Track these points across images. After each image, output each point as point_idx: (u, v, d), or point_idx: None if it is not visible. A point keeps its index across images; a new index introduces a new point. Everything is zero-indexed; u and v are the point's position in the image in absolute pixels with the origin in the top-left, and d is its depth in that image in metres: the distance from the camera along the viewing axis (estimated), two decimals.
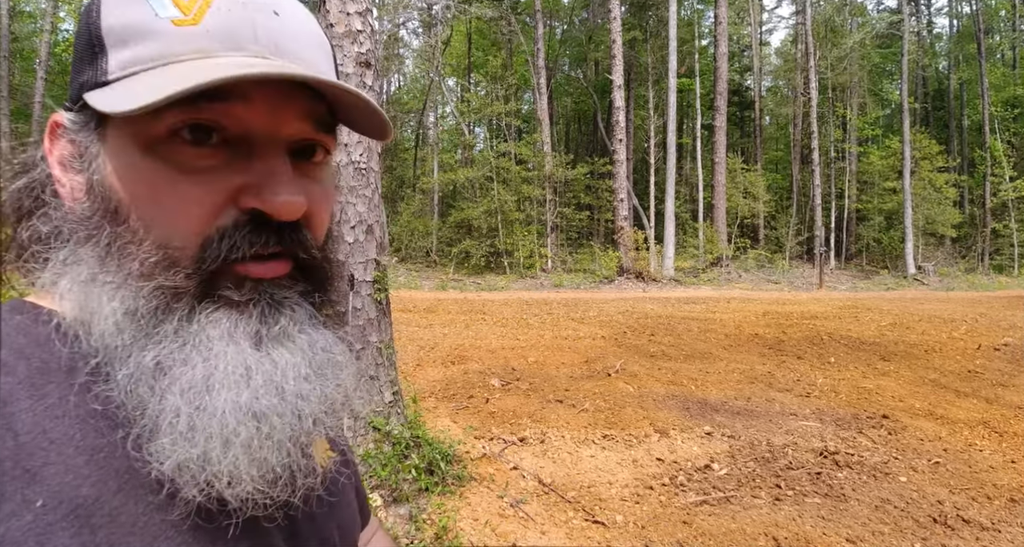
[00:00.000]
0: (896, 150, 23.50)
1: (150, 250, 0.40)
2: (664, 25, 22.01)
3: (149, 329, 0.40)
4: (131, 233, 0.41)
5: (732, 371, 6.25)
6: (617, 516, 3.05)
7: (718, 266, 20.68)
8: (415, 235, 22.72)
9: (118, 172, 0.41)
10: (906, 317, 10.17)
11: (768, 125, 34.83)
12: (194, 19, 0.41)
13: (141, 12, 0.41)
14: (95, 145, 0.43)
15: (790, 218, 25.00)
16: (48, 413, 0.37)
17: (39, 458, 0.35)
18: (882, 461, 3.75)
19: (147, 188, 0.41)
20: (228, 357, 0.40)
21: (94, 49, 0.42)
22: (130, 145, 0.41)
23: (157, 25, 0.41)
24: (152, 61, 0.41)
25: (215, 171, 0.41)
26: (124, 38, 0.41)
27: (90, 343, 0.41)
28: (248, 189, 0.42)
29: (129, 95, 0.39)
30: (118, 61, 0.41)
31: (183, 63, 0.41)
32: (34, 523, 0.33)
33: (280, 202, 0.42)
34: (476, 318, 9.88)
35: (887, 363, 6.70)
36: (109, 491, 0.37)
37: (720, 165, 21.36)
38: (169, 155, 0.41)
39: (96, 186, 0.42)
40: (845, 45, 25.01)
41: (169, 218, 0.41)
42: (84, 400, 0.39)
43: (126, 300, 0.40)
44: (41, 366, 0.39)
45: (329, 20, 3.44)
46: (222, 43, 0.42)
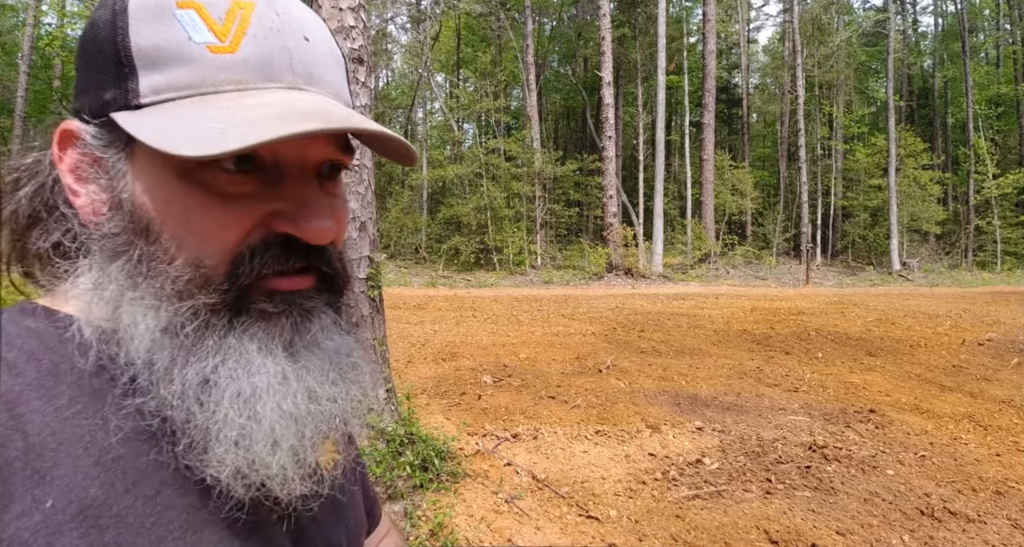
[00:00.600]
0: (881, 147, 23.75)
1: (182, 269, 0.41)
2: (653, 22, 22.08)
3: (189, 345, 0.41)
4: (163, 252, 0.41)
5: (721, 366, 6.30)
6: (611, 511, 3.08)
7: (706, 262, 20.80)
8: (404, 232, 22.64)
9: (151, 193, 0.42)
10: (891, 313, 10.30)
11: (756, 122, 35.06)
12: (231, 47, 0.41)
13: (175, 35, 0.41)
14: (122, 163, 0.43)
15: (777, 215, 25.19)
16: (57, 415, 0.38)
17: (49, 459, 0.36)
18: (870, 455, 3.80)
19: (182, 210, 0.41)
20: (268, 367, 0.42)
21: (122, 68, 0.41)
22: (164, 168, 0.42)
23: (192, 50, 0.41)
24: (188, 89, 0.41)
25: (249, 197, 0.43)
26: (156, 61, 0.41)
27: (126, 358, 0.42)
28: (281, 214, 0.43)
29: (175, 132, 0.39)
30: (150, 84, 0.41)
31: (220, 95, 0.41)
32: (43, 523, 0.34)
33: (313, 228, 0.43)
34: (466, 315, 9.89)
35: (873, 358, 6.79)
36: (117, 492, 0.37)
37: (708, 162, 21.46)
38: (205, 181, 0.41)
39: (125, 204, 0.43)
40: (832, 43, 25.23)
41: (201, 240, 0.41)
42: (114, 410, 0.40)
43: (163, 319, 0.41)
44: (52, 368, 0.40)
45: (321, 15, 3.40)
46: (258, 73, 0.42)
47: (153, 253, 0.42)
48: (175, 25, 0.41)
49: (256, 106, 0.40)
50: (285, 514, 0.47)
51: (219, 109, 0.40)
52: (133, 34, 0.41)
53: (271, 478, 0.42)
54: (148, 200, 0.42)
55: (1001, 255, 23.30)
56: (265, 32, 0.43)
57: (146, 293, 0.42)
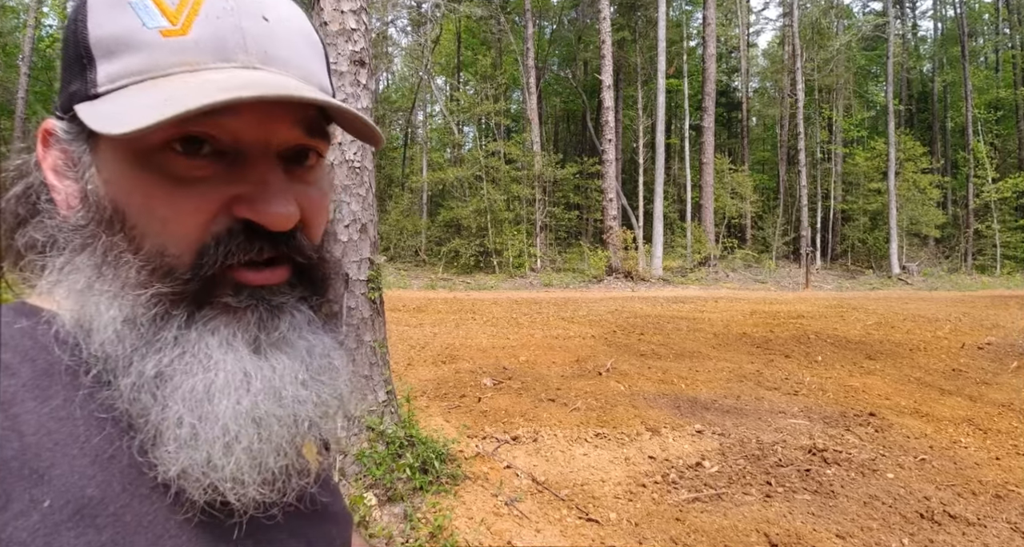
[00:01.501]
0: (881, 151, 23.78)
1: (146, 258, 0.41)
2: (653, 26, 22.13)
3: (149, 337, 0.40)
4: (126, 242, 0.41)
5: (721, 370, 6.30)
6: (611, 514, 3.08)
7: (706, 266, 20.81)
8: (404, 234, 22.65)
9: (111, 182, 0.42)
10: (891, 316, 10.31)
11: (755, 126, 35.10)
12: (182, 29, 0.41)
13: (128, 22, 0.41)
14: (87, 155, 0.43)
15: (777, 218, 25.21)
16: (53, 415, 0.37)
17: (46, 459, 0.35)
18: (869, 458, 3.80)
19: (141, 198, 0.41)
20: (228, 364, 0.41)
21: (82, 60, 0.42)
22: (122, 156, 0.41)
23: (145, 36, 0.41)
24: (139, 75, 0.41)
25: (208, 181, 0.42)
26: (111, 49, 0.41)
27: (91, 350, 0.41)
28: (241, 199, 0.42)
29: (118, 114, 0.39)
30: (106, 74, 0.41)
31: (170, 77, 0.40)
32: (41, 523, 0.34)
33: (272, 213, 0.42)
34: (466, 317, 9.89)
35: (873, 362, 6.79)
36: (114, 492, 0.37)
37: (708, 165, 21.48)
38: (162, 166, 0.41)
39: (90, 195, 0.43)
40: (831, 47, 25.29)
41: (164, 227, 0.41)
42: (87, 404, 0.40)
43: (124, 308, 0.41)
44: (46, 368, 0.40)
45: (323, 18, 3.43)
46: (211, 54, 0.42)
47: (117, 243, 0.41)
48: (129, 12, 0.41)
49: (199, 83, 0.40)
50: (278, 511, 0.46)
51: (163, 90, 0.39)
52: (91, 25, 0.41)
53: (222, 481, 0.40)
54: (110, 190, 0.42)
55: (1000, 259, 23.32)
56: (218, 12, 0.42)
57: (110, 284, 0.41)
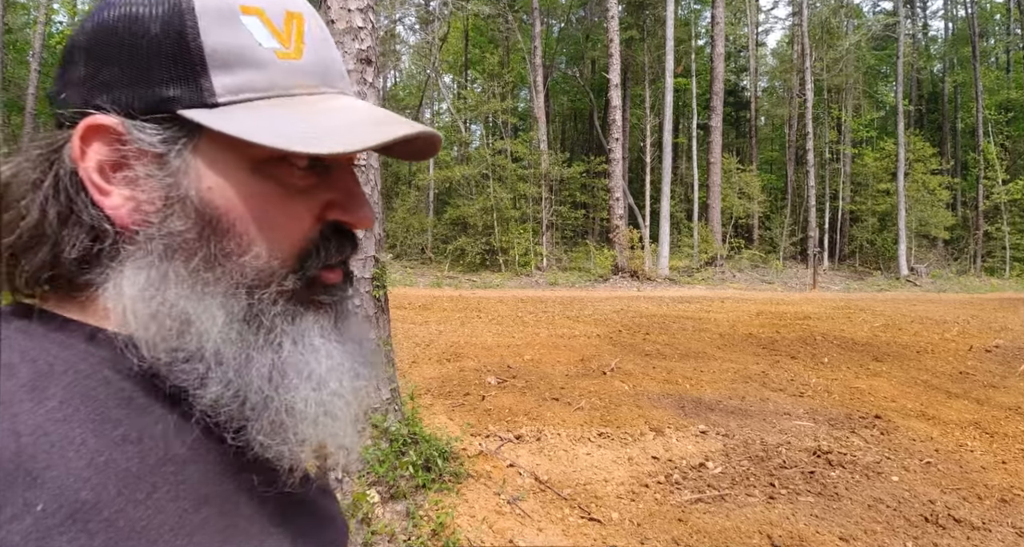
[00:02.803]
0: (890, 152, 23.63)
1: (254, 261, 0.43)
2: (661, 25, 22.05)
3: (264, 334, 0.44)
4: (235, 245, 0.43)
5: (726, 370, 6.28)
6: (613, 513, 3.08)
7: (712, 266, 20.74)
8: (410, 232, 22.69)
9: (223, 188, 0.43)
10: (898, 318, 10.25)
11: (763, 126, 34.94)
12: (295, 53, 0.44)
13: (244, 38, 0.43)
14: (185, 159, 0.43)
15: (784, 219, 25.08)
16: (49, 416, 0.37)
17: (41, 461, 0.35)
18: (874, 461, 3.79)
19: (258, 204, 0.43)
20: (330, 352, 0.46)
21: (192, 66, 0.42)
22: (235, 164, 0.43)
23: (262, 54, 0.43)
24: (263, 91, 0.43)
25: (310, 190, 0.46)
26: (228, 62, 0.42)
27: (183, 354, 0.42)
28: (333, 205, 0.47)
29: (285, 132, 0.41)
30: (224, 85, 0.42)
31: (295, 98, 0.44)
32: (34, 527, 0.33)
33: (363, 216, 0.48)
34: (471, 315, 9.89)
35: (879, 364, 6.75)
36: (108, 495, 0.36)
37: (716, 165, 21.40)
38: (276, 176, 0.44)
39: (189, 200, 0.42)
40: (841, 47, 25.09)
41: (275, 232, 0.44)
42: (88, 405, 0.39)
43: (234, 310, 0.43)
44: (45, 370, 0.39)
45: (330, 16, 3.44)
46: (319, 79, 0.46)
47: (224, 247, 0.43)
48: (243, 29, 0.43)
49: (337, 110, 0.45)
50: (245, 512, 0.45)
51: (305, 111, 0.43)
52: (205, 35, 0.42)
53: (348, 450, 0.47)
54: (218, 195, 0.43)
55: (1010, 261, 23.14)
56: (317, 42, 0.46)
57: (217, 287, 0.43)
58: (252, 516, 0.45)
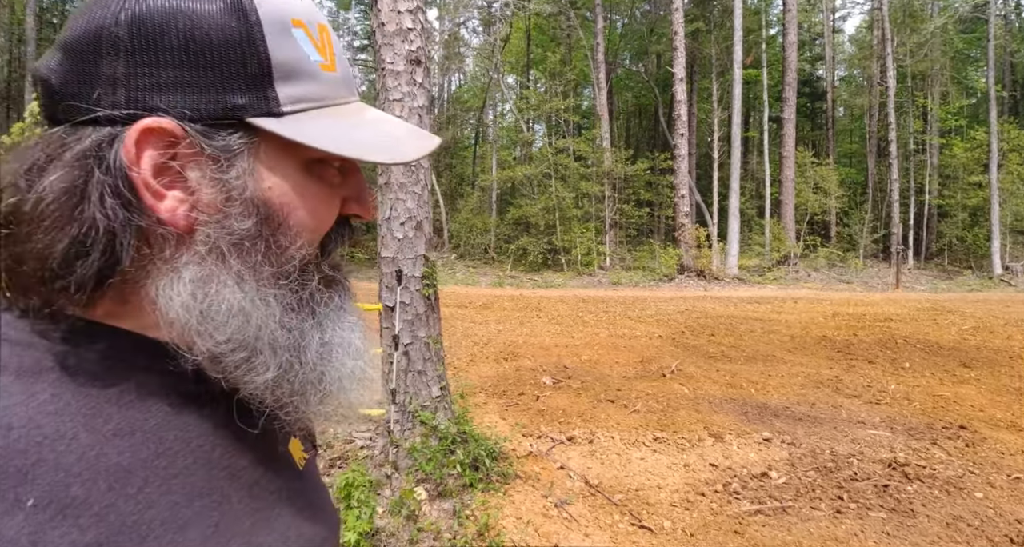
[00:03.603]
0: (982, 142, 21.92)
1: (298, 252, 0.47)
2: (729, 15, 21.29)
3: (310, 317, 0.48)
4: (286, 239, 0.47)
5: (796, 375, 5.98)
6: (665, 522, 2.96)
7: (785, 265, 19.88)
8: (473, 232, 22.92)
9: (281, 187, 0.46)
10: (990, 321, 9.47)
11: (841, 117, 33.23)
12: (331, 65, 0.49)
13: (301, 52, 0.46)
14: (245, 162, 0.45)
15: (865, 214, 23.74)
16: (41, 409, 0.37)
17: (32, 455, 0.35)
18: (956, 475, 3.48)
19: (311, 201, 0.48)
20: (354, 322, 0.52)
21: (261, 76, 0.44)
22: (291, 166, 0.47)
23: (312, 67, 0.47)
24: (316, 102, 0.47)
25: (338, 187, 0.51)
26: (289, 74, 0.45)
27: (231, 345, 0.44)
28: (350, 199, 0.53)
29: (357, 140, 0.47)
30: (287, 95, 0.45)
31: (339, 107, 0.49)
32: (25, 523, 0.33)
33: (372, 208, 0.54)
34: (531, 315, 9.86)
35: (967, 370, 6.24)
36: (99, 490, 0.37)
37: (788, 159, 20.51)
38: (320, 175, 0.49)
39: (249, 200, 0.45)
40: (925, 30, 23.50)
41: (320, 224, 0.50)
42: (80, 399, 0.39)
43: (288, 298, 0.47)
44: (34, 365, 0.39)
45: (380, 19, 3.47)
46: (347, 89, 0.51)
47: (279, 241, 0.46)
48: (295, 42, 0.46)
49: (376, 121, 0.51)
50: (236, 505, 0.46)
51: (353, 120, 0.49)
52: (272, 47, 0.44)
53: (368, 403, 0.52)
54: (277, 194, 0.46)
55: None
56: (340, 53, 0.51)
57: (273, 279, 0.46)
58: (244, 510, 0.45)
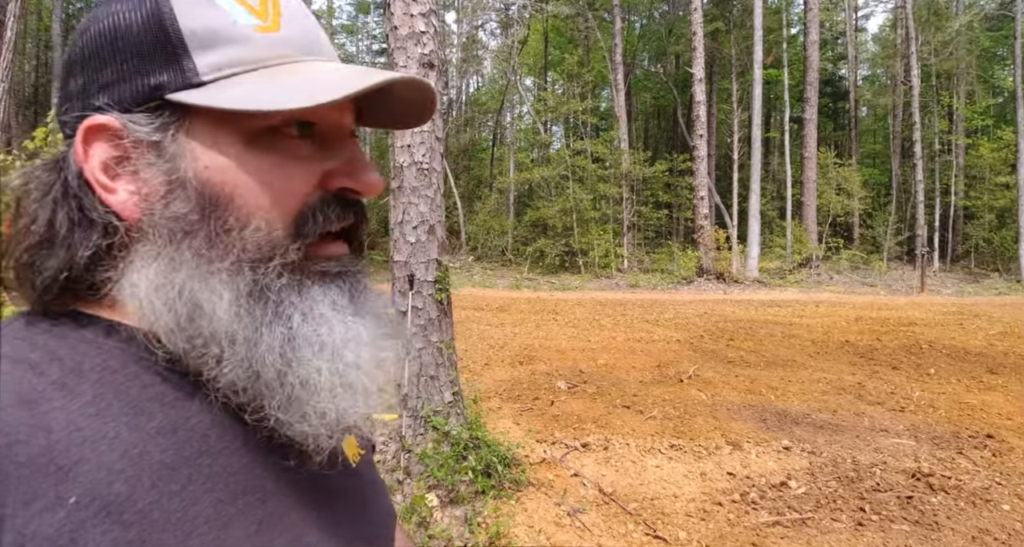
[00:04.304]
0: (1009, 142, 21.41)
1: (255, 234, 0.43)
2: (749, 14, 21.06)
3: (272, 308, 0.44)
4: (237, 220, 0.43)
5: (817, 380, 5.86)
6: (680, 532, 2.90)
7: (807, 267, 19.60)
8: (491, 234, 22.90)
9: (220, 165, 0.43)
10: (1018, 326, 9.23)
11: (864, 117, 32.71)
12: (273, 26, 0.45)
13: (221, 18, 0.44)
14: (179, 143, 0.43)
15: (888, 216, 23.31)
16: (81, 411, 0.37)
17: (73, 455, 0.35)
18: (983, 486, 3.38)
19: (258, 175, 0.44)
20: (343, 321, 0.46)
21: (174, 50, 0.43)
22: (231, 140, 0.44)
23: (241, 31, 0.44)
24: (247, 64, 0.44)
25: (309, 159, 0.46)
26: (208, 42, 0.43)
27: (200, 338, 0.43)
28: (337, 173, 0.47)
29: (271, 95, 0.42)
30: (208, 64, 0.43)
31: (280, 67, 0.45)
32: (67, 519, 0.33)
33: (369, 181, 0.48)
34: (547, 318, 9.82)
35: (995, 376, 6.08)
36: (142, 487, 0.37)
37: (810, 160, 20.24)
38: (273, 146, 0.44)
39: (189, 182, 0.43)
40: (950, 28, 23.00)
41: (276, 202, 0.44)
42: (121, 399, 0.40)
43: (241, 286, 0.43)
44: (74, 367, 0.40)
45: (393, 22, 3.47)
46: (301, 49, 0.47)
47: (225, 223, 0.43)
48: (217, 9, 0.44)
49: (320, 72, 0.45)
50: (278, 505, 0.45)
51: (289, 76, 0.44)
52: (181, 18, 0.43)
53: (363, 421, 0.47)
54: (216, 173, 0.43)
55: None
56: (293, 13, 0.47)
57: (221, 265, 0.43)
58: (290, 506, 0.45)
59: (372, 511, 0.56)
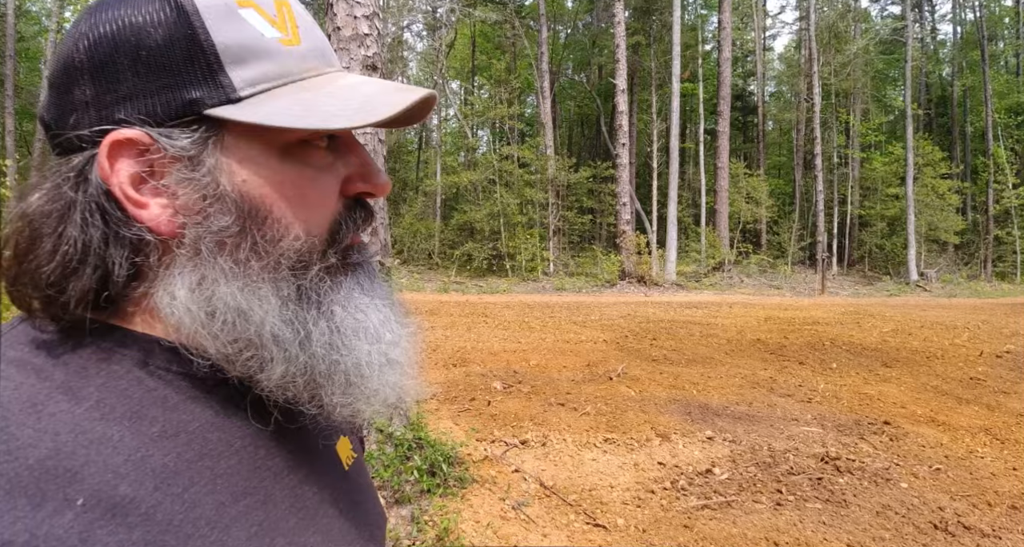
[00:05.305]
0: (899, 156, 23.49)
1: (295, 242, 0.45)
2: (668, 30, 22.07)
3: (316, 307, 0.46)
4: (275, 231, 0.45)
5: (734, 376, 6.25)
6: (618, 519, 3.06)
7: (720, 271, 20.67)
8: (417, 237, 22.72)
9: (257, 178, 0.44)
10: (908, 323, 10.17)
11: (771, 130, 34.78)
12: (295, 40, 0.46)
13: (249, 32, 0.44)
14: (212, 158, 0.43)
15: (792, 223, 24.95)
16: (87, 414, 0.38)
17: (79, 457, 0.36)
18: (883, 467, 3.75)
19: (295, 187, 0.45)
20: (375, 306, 0.49)
21: (209, 66, 0.42)
22: (264, 153, 0.44)
23: (269, 45, 0.44)
24: (279, 79, 0.44)
25: (332, 167, 0.48)
26: (240, 57, 0.43)
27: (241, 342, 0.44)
28: (353, 178, 0.49)
29: (315, 113, 0.43)
30: (243, 79, 0.43)
31: (306, 81, 0.46)
32: (75, 521, 0.34)
33: (383, 183, 0.51)
34: (478, 321, 9.90)
35: (889, 369, 6.70)
36: (146, 489, 0.37)
37: (723, 170, 21.36)
38: (305, 158, 0.46)
39: (225, 196, 0.43)
40: (849, 51, 24.99)
41: (312, 211, 0.46)
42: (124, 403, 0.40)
43: (285, 291, 0.45)
44: (79, 371, 0.41)
45: (336, 23, 3.46)
46: (320, 61, 0.48)
47: (266, 234, 0.44)
48: (244, 23, 0.44)
49: (350, 87, 0.46)
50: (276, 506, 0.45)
51: (321, 92, 0.45)
52: (213, 32, 0.42)
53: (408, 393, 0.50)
54: (254, 186, 0.44)
55: (1021, 266, 22.92)
56: (308, 25, 0.48)
57: (265, 275, 0.44)
58: (288, 510, 0.46)
59: (365, 513, 0.56)
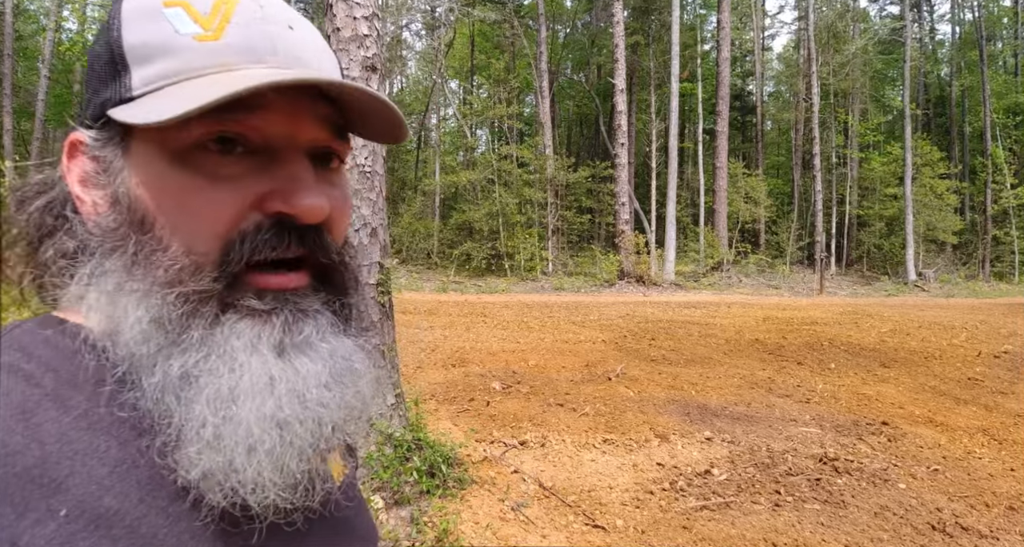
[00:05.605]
0: (897, 156, 23.55)
1: (175, 256, 0.41)
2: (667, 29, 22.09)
3: (175, 337, 0.41)
4: (156, 241, 0.42)
5: (732, 376, 6.26)
6: (617, 520, 3.07)
7: (719, 271, 20.70)
8: (416, 237, 22.73)
9: (146, 183, 0.42)
10: (906, 324, 10.18)
11: (770, 130, 34.84)
12: (215, 35, 0.43)
13: (162, 30, 0.42)
14: (119, 159, 0.44)
15: (791, 223, 25.01)
16: (74, 424, 0.38)
17: (64, 468, 0.36)
18: (881, 468, 3.76)
19: (175, 196, 0.42)
20: (253, 367, 0.41)
21: (116, 67, 0.43)
22: (157, 157, 0.42)
23: (179, 41, 0.42)
24: (176, 76, 0.42)
25: (240, 178, 0.43)
26: (147, 55, 0.42)
27: (116, 353, 0.42)
28: (273, 195, 0.43)
29: (155, 109, 0.40)
30: (142, 78, 0.42)
31: (205, 77, 0.42)
32: (57, 532, 0.34)
33: (306, 205, 0.43)
34: (477, 320, 9.90)
35: (887, 370, 6.71)
36: (131, 502, 0.37)
37: (722, 170, 21.38)
38: (197, 164, 0.42)
39: (122, 198, 0.43)
40: (847, 51, 25.02)
41: (195, 223, 0.41)
42: (110, 410, 0.40)
43: (152, 308, 0.41)
44: (68, 378, 0.40)
45: (336, 24, 3.46)
46: (243, 56, 0.43)
47: (148, 242, 0.42)
48: (163, 22, 0.43)
49: (230, 79, 0.41)
50: (258, 528, 0.43)
51: (199, 86, 0.41)
52: (125, 34, 0.43)
53: (243, 483, 0.40)
54: (144, 190, 0.42)
55: (1019, 266, 22.99)
56: (247, 20, 0.44)
57: (138, 283, 0.42)
58: (277, 525, 0.44)
59: (357, 529, 0.55)
